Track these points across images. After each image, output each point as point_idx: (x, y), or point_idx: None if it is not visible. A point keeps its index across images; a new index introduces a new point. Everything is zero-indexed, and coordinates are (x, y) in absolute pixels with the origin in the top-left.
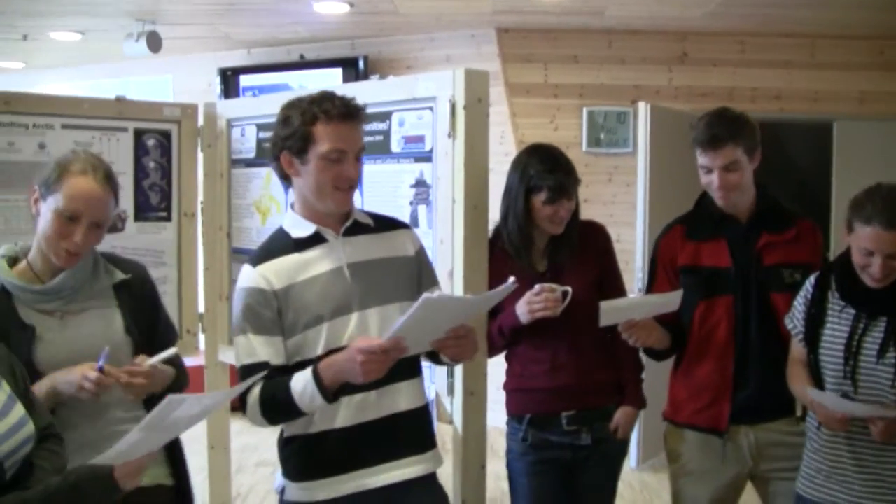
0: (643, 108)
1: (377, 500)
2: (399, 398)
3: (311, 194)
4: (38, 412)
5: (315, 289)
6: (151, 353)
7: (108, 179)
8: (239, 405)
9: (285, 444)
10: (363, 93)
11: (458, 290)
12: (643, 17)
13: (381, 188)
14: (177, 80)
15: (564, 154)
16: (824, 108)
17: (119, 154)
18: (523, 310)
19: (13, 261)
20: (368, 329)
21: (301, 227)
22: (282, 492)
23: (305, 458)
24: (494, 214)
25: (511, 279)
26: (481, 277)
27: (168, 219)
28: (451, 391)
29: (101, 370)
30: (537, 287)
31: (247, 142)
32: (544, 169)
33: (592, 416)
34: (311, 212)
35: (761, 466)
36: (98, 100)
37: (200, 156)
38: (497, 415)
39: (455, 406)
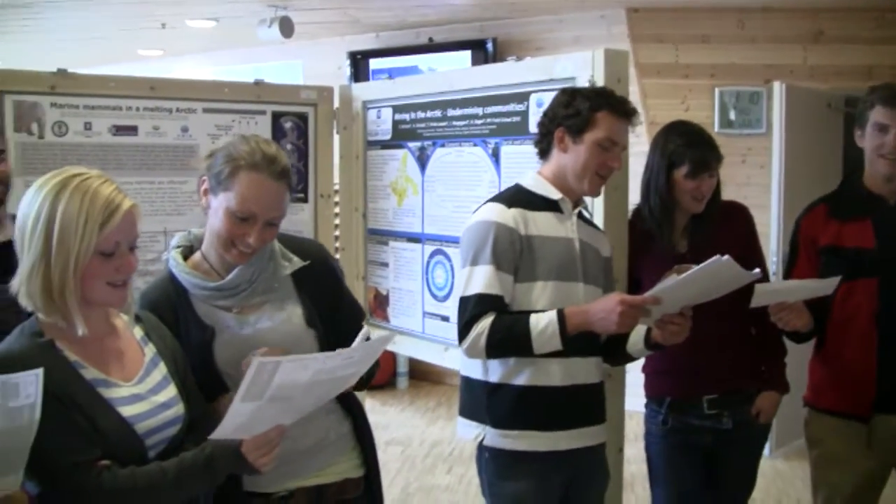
0: (778, 88)
1: (563, 460)
2: (594, 369)
3: (571, 172)
4: (194, 400)
5: (554, 248)
6: (338, 339)
7: (284, 174)
8: (459, 334)
9: (494, 391)
10: (501, 74)
11: None
12: None
13: (520, 169)
14: (307, 64)
15: (706, 130)
16: None
17: None
18: None
19: (188, 250)
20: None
21: (549, 191)
22: (481, 440)
23: (519, 407)
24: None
25: (756, 270)
26: (622, 259)
27: (305, 200)
28: None
29: None
30: (675, 267)
31: (383, 124)
32: (685, 143)
33: (734, 399)
34: (560, 185)
35: None
36: (238, 84)
37: (336, 138)
38: (629, 399)
39: None
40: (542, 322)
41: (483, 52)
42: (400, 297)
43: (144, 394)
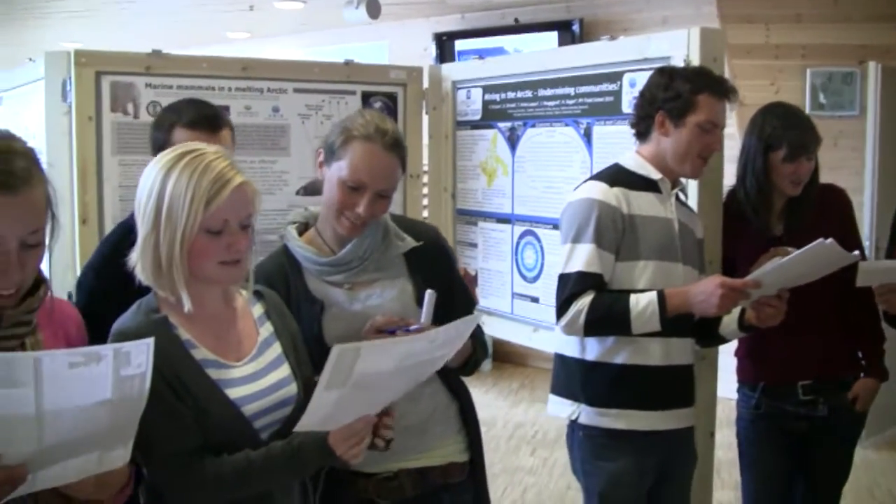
0: (873, 69)
1: (659, 440)
2: (688, 350)
3: (672, 154)
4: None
5: (654, 227)
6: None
7: (396, 146)
8: (557, 312)
9: (591, 369)
10: (594, 54)
11: None
12: None
13: (612, 149)
14: (393, 45)
15: (804, 112)
16: None
17: None
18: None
19: (304, 227)
20: (689, 283)
21: (649, 172)
22: (576, 418)
23: (617, 386)
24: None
25: (856, 252)
26: (716, 241)
27: None
28: None
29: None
30: (772, 250)
31: (472, 104)
32: (782, 125)
33: (830, 386)
34: (659, 165)
35: None
36: (328, 64)
37: (425, 118)
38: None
39: None
40: (642, 302)
41: (569, 33)
42: (489, 278)
43: (254, 374)
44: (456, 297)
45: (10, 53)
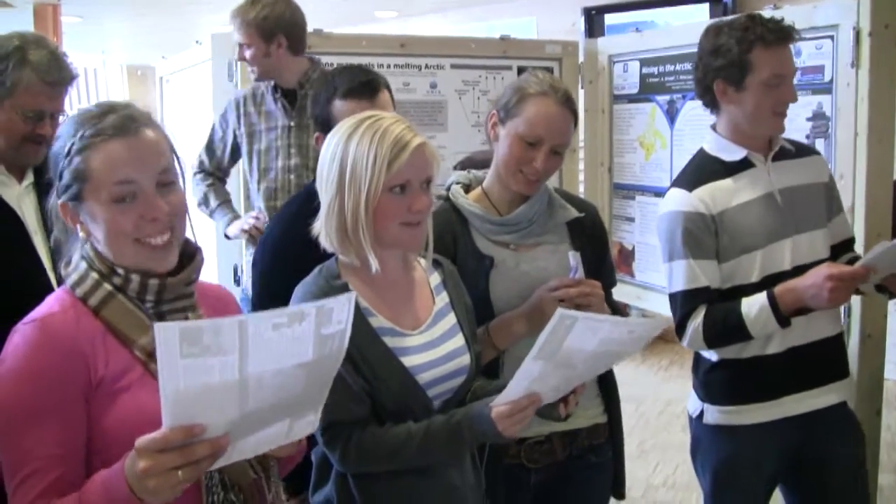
0: None
1: (795, 426)
2: (823, 323)
3: (745, 120)
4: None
5: (750, 215)
6: None
7: (569, 101)
8: (676, 332)
9: (712, 369)
10: None
11: (859, 228)
12: None
13: None
14: (540, 21)
15: None
16: None
17: None
18: None
19: (465, 188)
20: (802, 255)
21: (730, 152)
22: (699, 415)
23: (735, 382)
24: None
25: None
26: (884, 214)
27: None
28: (847, 333)
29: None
30: None
31: (629, 77)
32: None
33: None
34: (740, 137)
35: None
36: (484, 40)
37: (581, 92)
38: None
39: (850, 348)
40: (754, 309)
41: (721, 5)
42: (646, 253)
43: (430, 343)
44: (605, 275)
45: (174, 38)
